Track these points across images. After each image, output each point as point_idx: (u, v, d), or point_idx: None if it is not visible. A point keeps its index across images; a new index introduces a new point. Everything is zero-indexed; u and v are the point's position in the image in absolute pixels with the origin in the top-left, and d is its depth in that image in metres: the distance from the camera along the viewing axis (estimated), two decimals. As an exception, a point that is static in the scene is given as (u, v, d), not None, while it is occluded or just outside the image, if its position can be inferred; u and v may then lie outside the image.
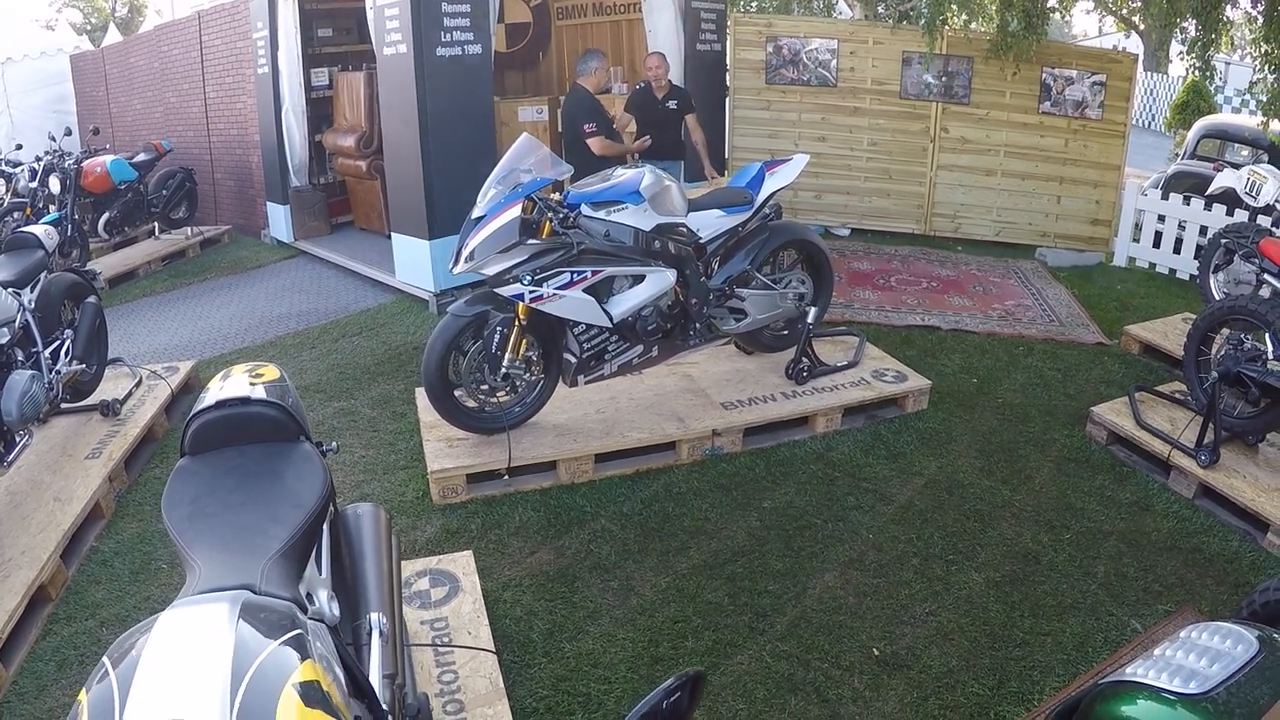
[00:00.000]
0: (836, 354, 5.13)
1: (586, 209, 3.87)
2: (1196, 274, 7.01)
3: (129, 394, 4.88)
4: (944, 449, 4.53)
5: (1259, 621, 2.24)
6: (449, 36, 6.24)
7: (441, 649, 2.84)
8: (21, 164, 8.05)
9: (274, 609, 1.43)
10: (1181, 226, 7.19)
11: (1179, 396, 4.77)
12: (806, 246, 4.81)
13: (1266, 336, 4.10)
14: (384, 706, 1.69)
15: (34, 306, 4.33)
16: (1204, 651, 2.06)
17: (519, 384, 4.06)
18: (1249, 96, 7.24)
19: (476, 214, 3.86)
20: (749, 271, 4.51)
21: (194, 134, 9.77)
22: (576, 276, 3.79)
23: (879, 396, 4.75)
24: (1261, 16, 6.16)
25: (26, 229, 4.84)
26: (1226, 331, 4.43)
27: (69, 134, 8.71)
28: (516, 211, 3.73)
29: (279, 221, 8.71)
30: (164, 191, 8.80)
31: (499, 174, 3.90)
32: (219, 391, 2.11)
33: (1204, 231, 6.97)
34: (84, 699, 1.28)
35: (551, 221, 3.75)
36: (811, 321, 4.73)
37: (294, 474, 1.91)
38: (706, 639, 3.14)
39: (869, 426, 4.69)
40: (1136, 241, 7.63)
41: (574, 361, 4.08)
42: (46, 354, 4.28)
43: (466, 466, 4.01)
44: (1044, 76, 7.41)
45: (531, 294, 3.73)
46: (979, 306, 6.62)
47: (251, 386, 2.11)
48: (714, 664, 3.02)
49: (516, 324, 3.90)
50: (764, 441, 4.48)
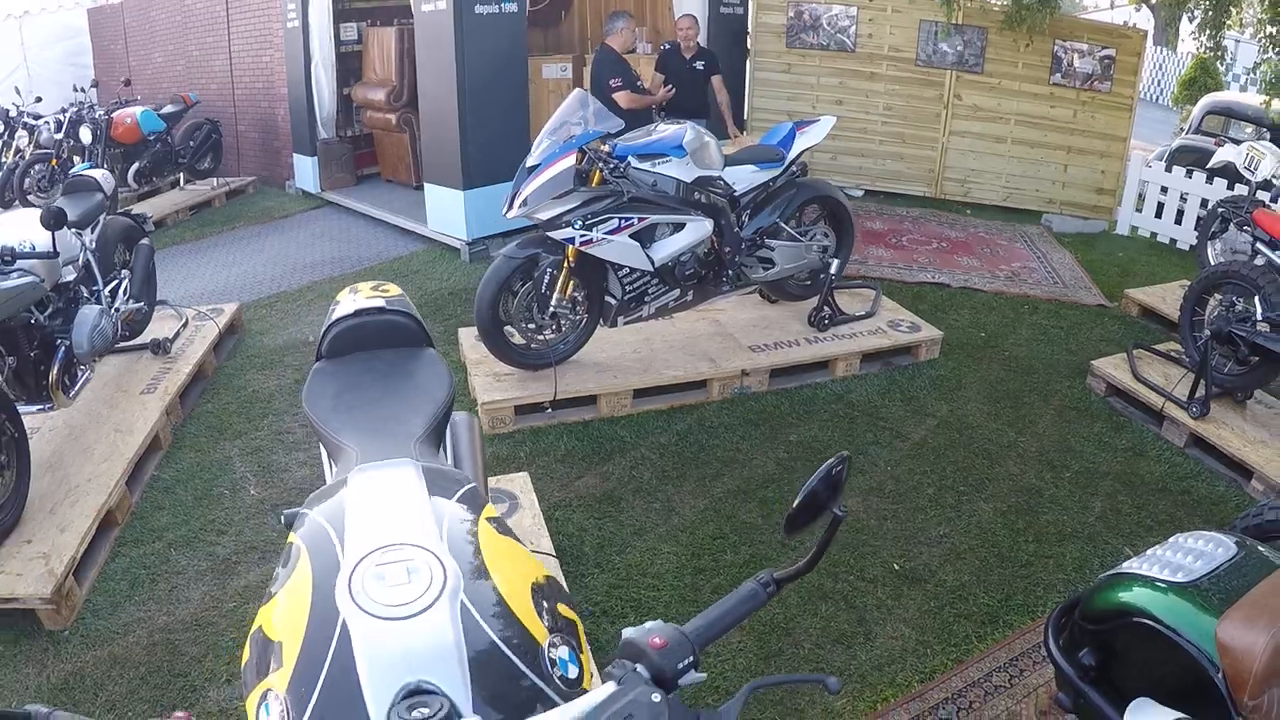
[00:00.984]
0: (854, 305, 5.42)
1: (634, 160, 4.14)
2: (1194, 244, 7.33)
3: (177, 334, 5.08)
4: (954, 394, 4.85)
5: (1252, 537, 2.58)
6: None
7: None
8: (43, 116, 8.06)
9: (444, 472, 1.69)
10: (1183, 199, 7.48)
11: (1174, 354, 5.09)
12: (830, 203, 5.08)
13: (1256, 300, 4.41)
14: None
15: (94, 247, 4.49)
16: (1189, 551, 2.43)
17: (564, 323, 4.36)
18: (1255, 75, 7.45)
19: (531, 163, 4.12)
20: (778, 224, 4.79)
21: (218, 86, 9.94)
22: (624, 222, 4.07)
23: (895, 344, 5.06)
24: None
25: (87, 172, 5.03)
26: (1219, 296, 4.75)
27: (95, 85, 8.87)
28: (571, 161, 3.99)
29: (306, 173, 8.93)
30: (191, 143, 8.98)
31: (552, 126, 4.16)
32: (353, 302, 2.33)
33: (1204, 204, 7.25)
34: (295, 539, 1.48)
35: (602, 171, 4.01)
36: (834, 272, 5.03)
37: (424, 374, 2.15)
38: (743, 553, 3.48)
39: (885, 372, 5.01)
40: (1139, 211, 7.91)
41: (615, 303, 4.38)
42: (106, 292, 4.45)
43: (515, 399, 4.32)
44: (1055, 49, 7.64)
45: (582, 238, 4.01)
46: (987, 267, 6.91)
47: (383, 298, 2.37)
48: (752, 575, 3.35)
49: (565, 266, 4.18)
50: (788, 383, 4.80)
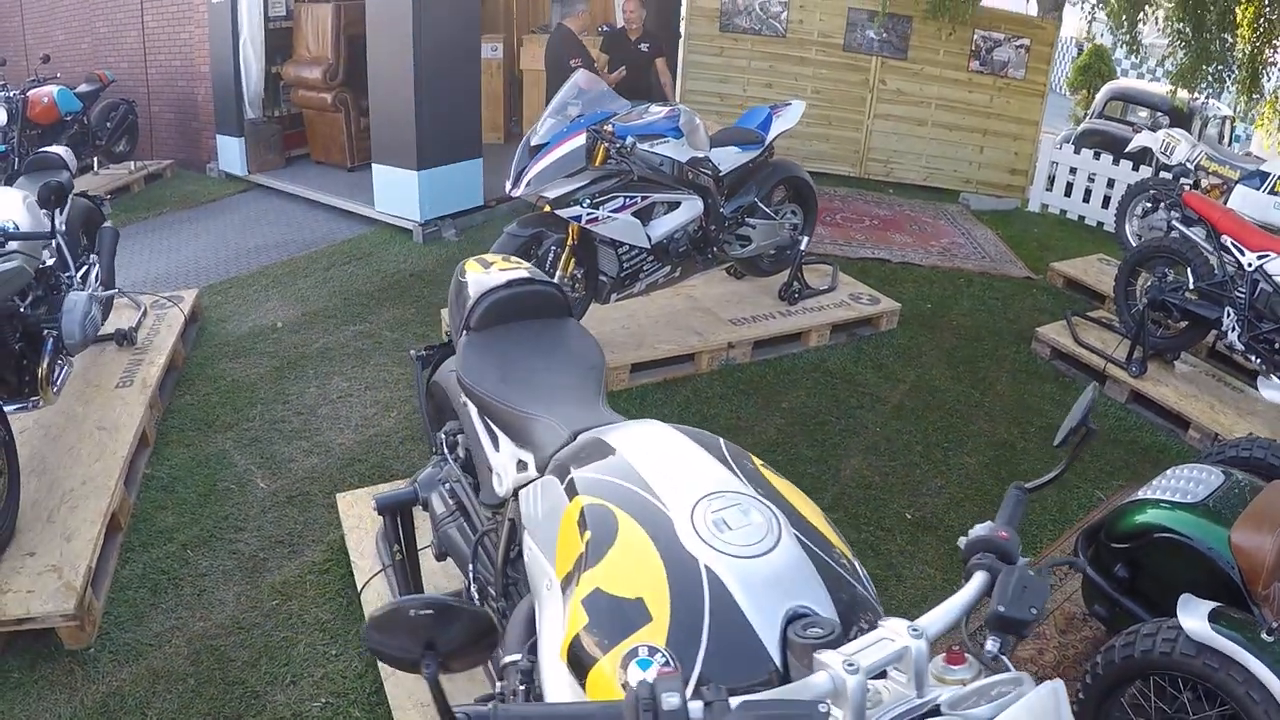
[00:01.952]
0: (814, 279, 5.69)
1: (635, 141, 4.23)
2: (1102, 221, 7.98)
3: (139, 323, 4.79)
4: (917, 361, 5.18)
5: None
6: None
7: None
8: (-55, 96, 7.52)
9: (686, 429, 1.70)
10: (1091, 179, 8.09)
11: (1105, 321, 5.59)
12: (798, 182, 5.32)
13: (1188, 270, 4.89)
14: None
15: (64, 229, 4.18)
16: (1188, 479, 2.88)
17: None
18: (1147, 60, 8.12)
19: (537, 142, 4.17)
20: (755, 203, 5.00)
21: (129, 65, 9.43)
22: (628, 201, 4.19)
23: (860, 316, 5.36)
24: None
25: (49, 149, 4.80)
26: (1149, 269, 5.22)
27: (2, 64, 8.34)
28: (581, 140, 4.05)
29: (231, 154, 8.57)
30: (108, 124, 8.46)
31: (556, 105, 4.23)
32: (493, 275, 2.30)
33: (1111, 184, 7.88)
34: (595, 501, 1.45)
35: (610, 151, 4.09)
36: (803, 249, 5.28)
37: (576, 342, 2.19)
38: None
39: (851, 342, 5.30)
40: (1050, 190, 8.51)
41: (610, 280, 4.46)
42: (78, 278, 4.19)
43: None
44: (975, 37, 8.14)
45: (589, 216, 4.10)
46: (919, 243, 7.32)
47: (524, 270, 2.36)
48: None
49: (568, 244, 4.27)
50: (768, 354, 5.03)
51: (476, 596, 2.11)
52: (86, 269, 4.40)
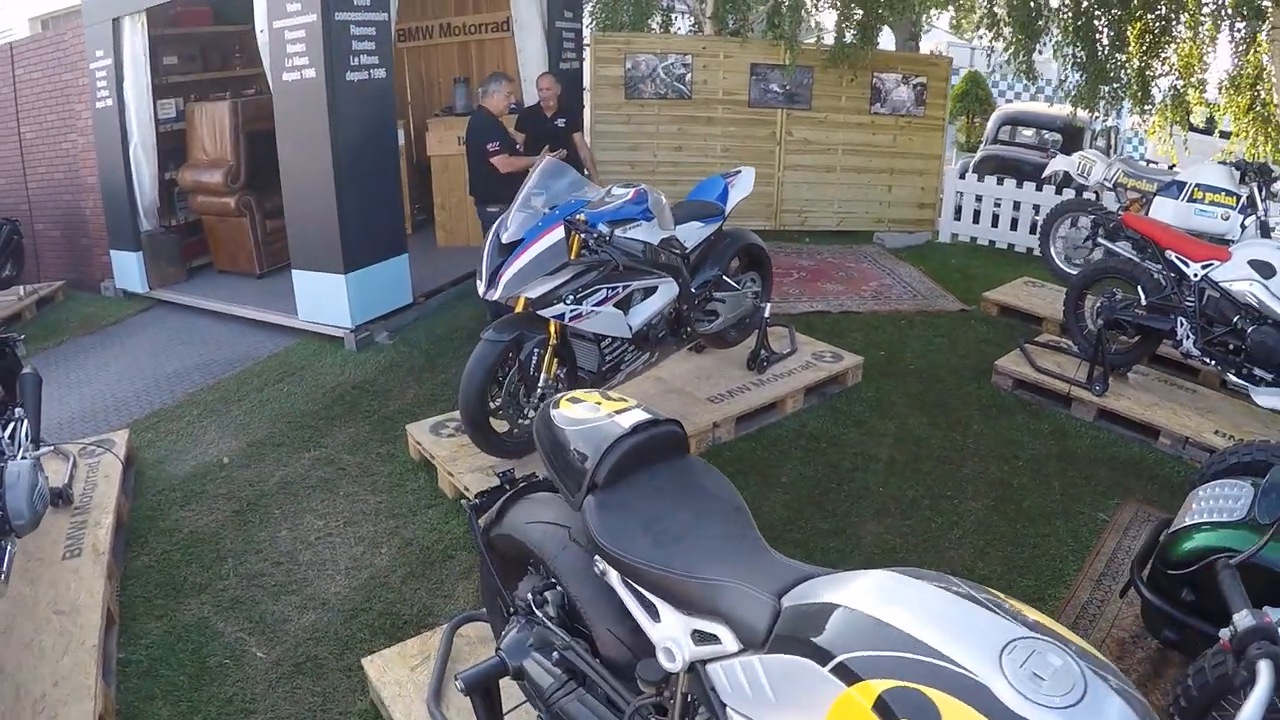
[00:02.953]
0: (775, 344, 5.64)
1: (613, 229, 4.06)
2: (1013, 243, 8.31)
3: (71, 477, 4.33)
4: (890, 412, 5.21)
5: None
6: (357, 60, 6.16)
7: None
8: None
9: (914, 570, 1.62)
10: (997, 204, 8.44)
11: (1054, 344, 5.78)
12: (751, 249, 5.31)
13: (1139, 288, 5.11)
14: None
15: None
16: (1220, 498, 3.04)
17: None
18: (1033, 84, 8.59)
19: (509, 239, 4.00)
20: (720, 276, 4.96)
21: (7, 180, 8.83)
22: (610, 293, 4.07)
23: (829, 375, 5.36)
24: (1069, 26, 7.45)
25: None
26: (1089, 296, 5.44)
27: None
28: (560, 234, 3.91)
29: (129, 270, 8.04)
30: (-11, 248, 7.96)
31: (523, 199, 4.07)
32: (615, 419, 2.11)
33: (1017, 207, 8.24)
34: (879, 695, 1.31)
35: (588, 241, 3.95)
36: (766, 316, 5.27)
37: (709, 482, 2.04)
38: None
39: (824, 402, 5.30)
40: (958, 220, 8.83)
41: (591, 376, 4.28)
42: (6, 440, 3.68)
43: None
44: (874, 81, 8.44)
45: (572, 313, 3.96)
46: (850, 290, 7.45)
47: (639, 409, 2.17)
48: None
49: (549, 345, 4.11)
50: (749, 427, 4.95)
51: None
52: (12, 427, 3.81)
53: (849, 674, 1.39)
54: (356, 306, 6.48)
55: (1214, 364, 4.91)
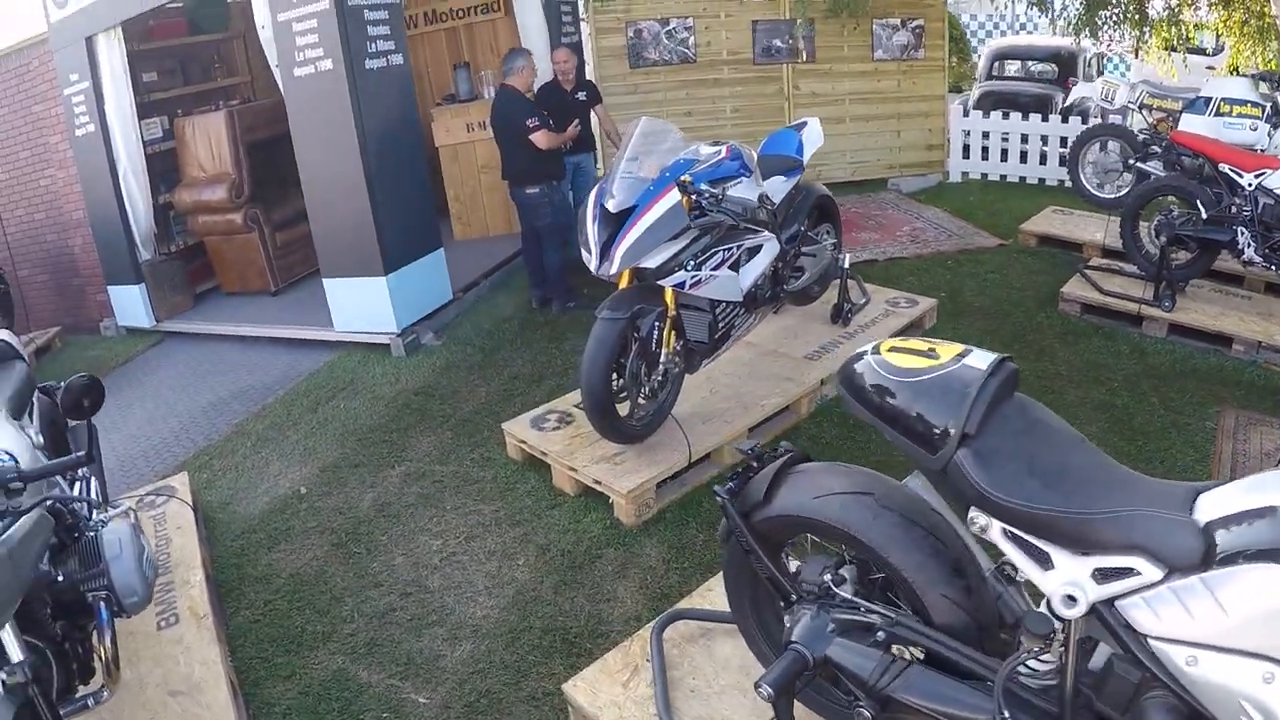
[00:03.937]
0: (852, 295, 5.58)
1: (713, 188, 3.91)
2: (1024, 176, 8.44)
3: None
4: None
5: None
6: (374, 47, 5.87)
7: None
8: None
9: None
10: (1005, 138, 8.53)
11: (1109, 266, 5.88)
12: (823, 200, 5.25)
13: (1199, 203, 5.21)
14: None
15: (41, 440, 3.18)
16: None
17: (666, 380, 4.06)
18: (1044, 13, 8.63)
19: (619, 206, 3.80)
20: (803, 231, 4.91)
21: (-19, 228, 8.43)
22: (726, 255, 3.97)
23: (911, 320, 5.39)
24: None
25: None
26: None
27: None
28: (676, 196, 3.74)
29: (131, 305, 7.60)
30: (-26, 301, 7.46)
31: (628, 159, 3.92)
32: (962, 363, 1.97)
33: (1025, 139, 8.34)
34: None
35: (700, 202, 3.80)
36: (846, 267, 5.24)
37: (1046, 416, 1.96)
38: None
39: (911, 346, 5.33)
40: (966, 158, 8.91)
41: (703, 345, 4.11)
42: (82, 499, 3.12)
43: (655, 476, 3.88)
44: (874, 27, 8.44)
45: (693, 279, 3.81)
46: (888, 237, 7.48)
47: (963, 349, 2.04)
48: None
49: (668, 317, 3.94)
50: (848, 380, 4.96)
51: None
52: (79, 486, 3.33)
53: None
54: (401, 309, 6.15)
55: (1276, 269, 5.06)
